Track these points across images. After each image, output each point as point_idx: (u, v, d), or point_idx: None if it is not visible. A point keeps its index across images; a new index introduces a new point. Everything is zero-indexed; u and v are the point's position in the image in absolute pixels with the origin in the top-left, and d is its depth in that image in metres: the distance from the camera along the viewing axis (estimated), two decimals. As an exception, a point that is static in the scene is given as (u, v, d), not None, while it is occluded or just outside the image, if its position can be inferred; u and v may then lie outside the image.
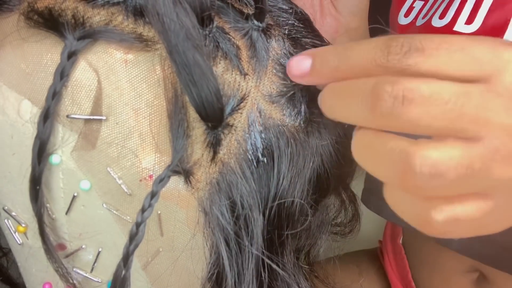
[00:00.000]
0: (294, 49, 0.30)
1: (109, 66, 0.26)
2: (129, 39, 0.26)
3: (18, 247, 0.30)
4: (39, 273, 0.30)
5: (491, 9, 0.43)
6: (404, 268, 0.55)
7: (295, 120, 0.29)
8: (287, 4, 0.32)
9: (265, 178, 0.28)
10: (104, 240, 0.28)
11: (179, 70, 0.24)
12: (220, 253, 0.28)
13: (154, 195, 0.26)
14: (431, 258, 0.50)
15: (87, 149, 0.26)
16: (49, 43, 0.26)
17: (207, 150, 0.27)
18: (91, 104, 0.26)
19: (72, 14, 0.26)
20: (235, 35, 0.28)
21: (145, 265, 0.29)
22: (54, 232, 0.28)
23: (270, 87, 0.28)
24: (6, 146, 0.27)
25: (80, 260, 0.29)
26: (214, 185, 0.27)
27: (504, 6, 0.43)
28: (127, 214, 0.27)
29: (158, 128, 0.26)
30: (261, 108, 0.28)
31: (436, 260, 0.49)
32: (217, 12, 0.27)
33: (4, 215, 0.29)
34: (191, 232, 0.28)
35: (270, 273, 0.29)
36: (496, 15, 0.43)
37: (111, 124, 0.26)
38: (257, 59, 0.28)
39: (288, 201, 0.29)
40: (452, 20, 0.46)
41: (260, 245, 0.28)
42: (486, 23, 0.44)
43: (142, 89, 0.26)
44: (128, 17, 0.26)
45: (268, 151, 0.28)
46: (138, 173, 0.27)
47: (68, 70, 0.25)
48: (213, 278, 0.28)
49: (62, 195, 0.27)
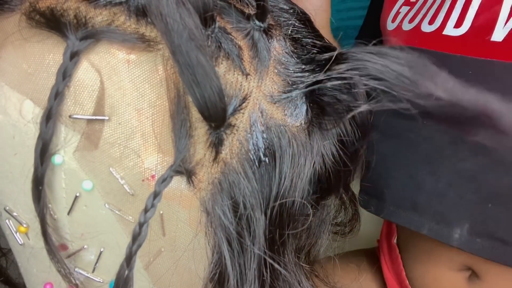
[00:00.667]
0: (295, 49, 0.30)
1: (111, 66, 0.26)
2: (131, 39, 0.26)
3: (19, 247, 0.30)
4: (41, 274, 0.30)
5: (478, 12, 0.44)
6: (398, 267, 0.55)
7: (296, 120, 0.29)
8: (288, 5, 0.32)
9: (267, 178, 0.28)
10: (106, 240, 0.28)
11: (182, 70, 0.24)
12: (222, 253, 0.28)
13: (157, 195, 0.26)
14: (424, 256, 0.51)
15: (89, 149, 0.26)
16: (51, 43, 0.26)
17: (210, 150, 0.27)
18: (93, 104, 0.26)
19: (74, 14, 0.26)
20: (237, 35, 0.28)
21: (147, 265, 0.29)
22: (56, 232, 0.28)
23: (271, 87, 0.28)
24: (8, 147, 0.27)
25: (82, 260, 0.29)
26: (216, 185, 0.27)
27: (491, 8, 0.44)
28: (129, 214, 0.27)
29: (160, 128, 0.26)
30: (262, 108, 0.28)
31: (430, 259, 0.50)
32: (219, 13, 0.28)
33: (5, 215, 0.29)
34: (193, 232, 0.28)
35: (272, 273, 0.29)
36: (484, 17, 0.44)
37: (113, 124, 0.26)
38: (258, 59, 0.28)
39: (289, 201, 0.29)
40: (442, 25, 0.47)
41: (262, 245, 0.28)
42: (474, 26, 0.45)
43: (145, 89, 0.26)
44: (131, 17, 0.26)
45: (270, 151, 0.28)
46: (140, 173, 0.27)
47: (70, 70, 0.25)
48: (215, 278, 0.28)
49: (64, 195, 0.27)
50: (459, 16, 0.45)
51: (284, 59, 0.29)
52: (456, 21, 0.46)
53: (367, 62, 0.27)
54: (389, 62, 0.26)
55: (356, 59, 0.28)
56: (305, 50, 0.31)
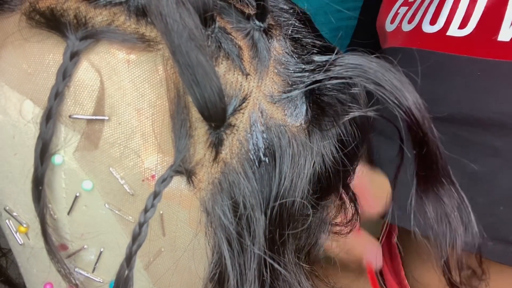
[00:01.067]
0: (295, 49, 0.30)
1: (111, 66, 0.26)
2: (131, 39, 0.26)
3: (19, 247, 0.30)
4: (41, 274, 0.30)
5: (485, 12, 0.44)
6: (397, 266, 0.55)
7: (296, 120, 0.29)
8: (288, 5, 0.32)
9: (267, 178, 0.28)
10: (106, 240, 0.28)
11: (182, 70, 0.24)
12: (222, 253, 0.28)
13: (157, 195, 0.26)
14: (424, 256, 0.51)
15: (89, 149, 0.26)
16: (51, 43, 0.26)
17: (209, 150, 0.27)
18: (93, 104, 0.26)
19: (74, 14, 0.26)
20: (237, 35, 0.28)
21: (147, 265, 0.29)
22: (56, 232, 0.28)
23: (271, 87, 0.28)
24: (8, 147, 0.27)
25: (82, 260, 0.29)
26: (216, 185, 0.27)
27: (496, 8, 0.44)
28: (129, 214, 0.27)
29: (160, 128, 0.26)
30: (262, 108, 0.28)
31: (430, 258, 0.50)
32: (219, 13, 0.28)
33: (5, 215, 0.29)
34: (193, 232, 0.28)
35: (272, 273, 0.29)
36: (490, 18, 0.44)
37: (113, 124, 0.26)
38: (258, 59, 0.28)
39: (289, 201, 0.29)
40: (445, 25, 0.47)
41: (262, 245, 0.28)
42: (479, 26, 0.45)
43: (145, 89, 0.26)
44: (131, 17, 0.26)
45: (270, 151, 0.28)
46: (140, 173, 0.27)
47: (70, 70, 0.25)
48: (215, 278, 0.28)
49: (64, 195, 0.27)
50: (464, 16, 0.45)
51: (284, 59, 0.29)
52: (460, 22, 0.45)
53: (365, 66, 0.28)
54: (384, 70, 0.28)
55: (355, 60, 0.28)
56: (305, 50, 0.31)
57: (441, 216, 0.32)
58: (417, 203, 0.33)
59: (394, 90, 0.28)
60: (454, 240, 0.33)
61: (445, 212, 0.32)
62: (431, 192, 0.32)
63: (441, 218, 0.32)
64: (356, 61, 0.29)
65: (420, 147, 0.30)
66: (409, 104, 0.28)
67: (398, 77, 0.28)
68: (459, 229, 0.32)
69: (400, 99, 0.28)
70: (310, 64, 0.30)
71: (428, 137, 0.30)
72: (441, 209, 0.32)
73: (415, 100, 0.29)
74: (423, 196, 0.32)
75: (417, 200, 0.32)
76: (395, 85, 0.28)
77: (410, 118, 0.29)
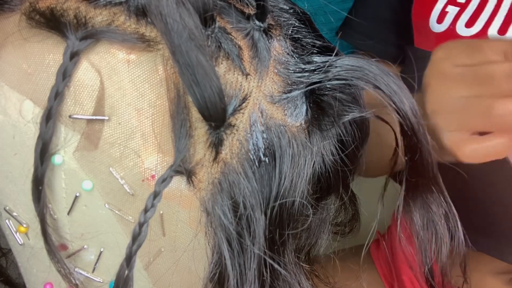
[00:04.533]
0: (295, 49, 0.30)
1: (111, 66, 0.26)
2: (131, 39, 0.26)
3: (19, 247, 0.30)
4: (41, 274, 0.30)
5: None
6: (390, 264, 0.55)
7: (296, 120, 0.29)
8: (288, 4, 0.32)
9: (267, 178, 0.28)
10: (106, 240, 0.28)
11: (182, 70, 0.24)
12: (222, 253, 0.28)
13: (157, 195, 0.26)
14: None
15: (89, 149, 0.26)
16: (51, 43, 0.26)
17: (209, 150, 0.27)
18: (93, 104, 0.26)
19: (74, 14, 0.26)
20: (237, 35, 0.28)
21: (147, 265, 0.29)
22: (56, 232, 0.28)
23: (271, 87, 0.28)
24: (8, 147, 0.27)
25: (82, 260, 0.29)
26: (216, 185, 0.27)
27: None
28: (129, 214, 0.27)
29: (160, 128, 0.26)
30: (262, 108, 0.28)
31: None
32: (219, 13, 0.28)
33: (5, 215, 0.29)
34: (193, 232, 0.28)
35: (271, 273, 0.29)
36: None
37: (113, 124, 0.26)
38: (258, 59, 0.28)
39: (289, 201, 0.29)
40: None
41: (262, 245, 0.28)
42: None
43: (145, 89, 0.26)
44: (130, 17, 0.26)
45: (270, 151, 0.28)
46: (140, 173, 0.27)
47: (70, 70, 0.25)
48: (215, 278, 0.28)
49: (64, 195, 0.27)
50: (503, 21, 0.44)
51: (284, 59, 0.29)
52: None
53: (365, 68, 0.29)
54: (383, 74, 0.29)
55: (355, 62, 0.28)
56: (305, 50, 0.31)
57: (427, 223, 0.32)
58: (404, 209, 0.32)
59: (393, 94, 0.29)
60: (440, 248, 0.32)
61: (432, 219, 0.32)
62: (420, 199, 0.32)
63: (428, 225, 0.32)
64: (356, 63, 0.29)
65: (413, 153, 0.30)
66: (406, 108, 0.29)
67: (396, 81, 0.29)
68: (445, 238, 0.32)
69: (398, 103, 0.29)
70: (310, 64, 0.30)
71: (422, 144, 0.30)
72: (428, 216, 0.32)
73: (411, 106, 0.29)
74: (411, 202, 0.32)
75: (404, 206, 0.32)
76: (394, 89, 0.29)
77: (406, 123, 0.29)
